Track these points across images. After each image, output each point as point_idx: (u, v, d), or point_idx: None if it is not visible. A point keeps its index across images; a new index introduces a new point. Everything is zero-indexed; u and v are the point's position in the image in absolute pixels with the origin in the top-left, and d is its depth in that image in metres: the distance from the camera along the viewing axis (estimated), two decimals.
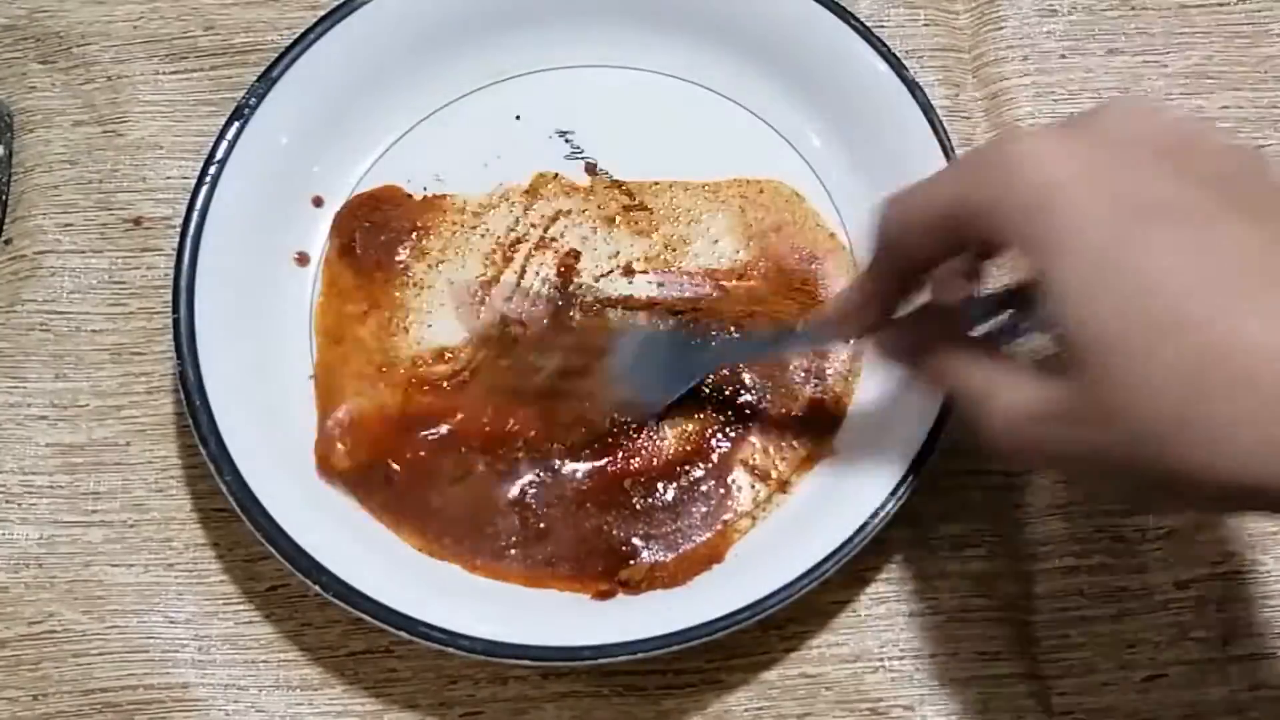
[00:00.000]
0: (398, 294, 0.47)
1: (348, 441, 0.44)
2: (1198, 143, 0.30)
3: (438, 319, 0.46)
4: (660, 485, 0.44)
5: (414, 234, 0.48)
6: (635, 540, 0.43)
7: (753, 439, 0.44)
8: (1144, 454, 0.28)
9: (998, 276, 0.39)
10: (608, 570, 0.42)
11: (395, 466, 0.44)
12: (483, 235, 0.48)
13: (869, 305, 0.37)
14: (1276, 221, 0.28)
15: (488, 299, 0.46)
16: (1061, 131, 0.30)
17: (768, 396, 0.45)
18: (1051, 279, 0.29)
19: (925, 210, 0.33)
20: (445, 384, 0.45)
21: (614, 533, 0.43)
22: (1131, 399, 0.28)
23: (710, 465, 0.44)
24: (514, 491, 0.43)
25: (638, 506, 0.43)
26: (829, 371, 0.45)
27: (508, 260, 0.47)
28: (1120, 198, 0.28)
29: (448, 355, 0.46)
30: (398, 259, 0.47)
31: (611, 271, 0.47)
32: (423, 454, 0.44)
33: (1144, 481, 0.29)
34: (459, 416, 0.44)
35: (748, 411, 0.45)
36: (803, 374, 0.45)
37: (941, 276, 0.36)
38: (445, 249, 0.48)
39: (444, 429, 0.44)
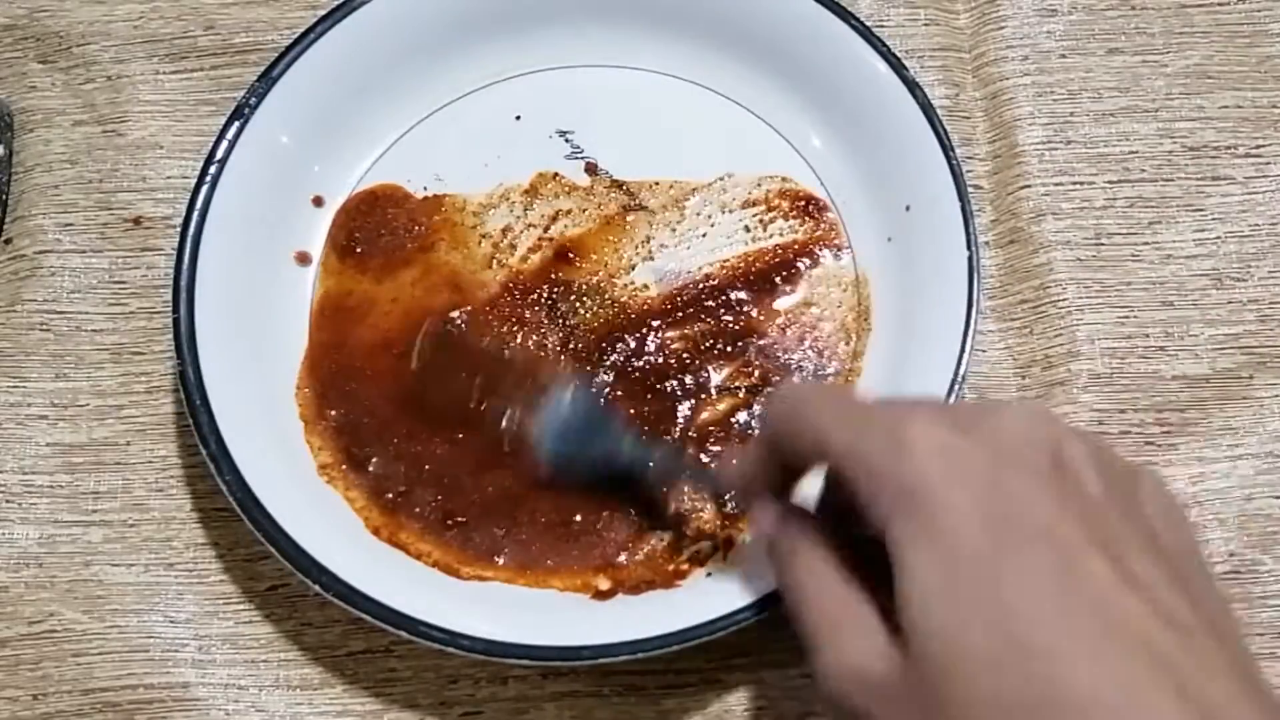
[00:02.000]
0: (397, 293, 0.47)
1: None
2: (1081, 470, 0.30)
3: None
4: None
5: (414, 233, 0.48)
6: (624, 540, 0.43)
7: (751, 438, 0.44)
8: None
9: None
10: (601, 565, 0.42)
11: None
12: (483, 235, 0.48)
13: (756, 477, 0.37)
14: (1134, 560, 0.29)
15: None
16: (956, 428, 0.30)
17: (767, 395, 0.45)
18: (908, 566, 0.29)
19: (810, 436, 0.33)
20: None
21: (609, 528, 0.43)
22: (964, 714, 0.28)
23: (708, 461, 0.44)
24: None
25: (634, 502, 0.43)
26: (828, 372, 0.45)
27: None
28: (996, 514, 0.29)
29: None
30: (398, 258, 0.47)
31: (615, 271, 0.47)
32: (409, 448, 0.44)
33: None
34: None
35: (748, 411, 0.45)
36: (800, 376, 0.45)
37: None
38: (445, 249, 0.48)
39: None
